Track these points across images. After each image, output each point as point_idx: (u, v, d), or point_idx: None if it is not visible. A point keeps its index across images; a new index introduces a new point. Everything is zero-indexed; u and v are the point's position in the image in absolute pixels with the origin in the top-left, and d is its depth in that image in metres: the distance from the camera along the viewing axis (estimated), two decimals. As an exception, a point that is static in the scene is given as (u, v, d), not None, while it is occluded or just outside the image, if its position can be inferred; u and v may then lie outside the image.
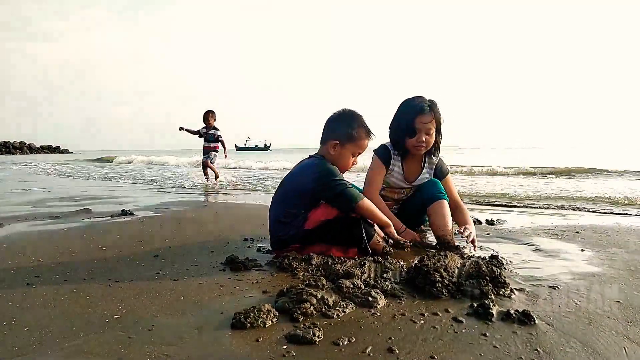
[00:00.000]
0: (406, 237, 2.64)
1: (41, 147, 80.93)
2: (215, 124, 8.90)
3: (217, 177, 8.93)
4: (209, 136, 8.83)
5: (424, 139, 2.79)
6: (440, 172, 3.02)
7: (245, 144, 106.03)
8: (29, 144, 75.76)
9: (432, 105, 2.79)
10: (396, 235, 2.43)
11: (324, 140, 2.47)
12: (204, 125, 8.88)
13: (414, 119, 2.78)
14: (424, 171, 3.01)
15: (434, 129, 2.80)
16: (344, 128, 2.42)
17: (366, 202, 2.31)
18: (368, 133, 2.48)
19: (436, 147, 2.92)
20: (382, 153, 3.01)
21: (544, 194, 6.13)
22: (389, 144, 3.01)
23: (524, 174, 11.16)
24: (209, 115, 8.81)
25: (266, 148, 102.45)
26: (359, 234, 2.25)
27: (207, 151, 8.90)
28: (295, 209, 2.33)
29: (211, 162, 8.91)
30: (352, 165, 2.51)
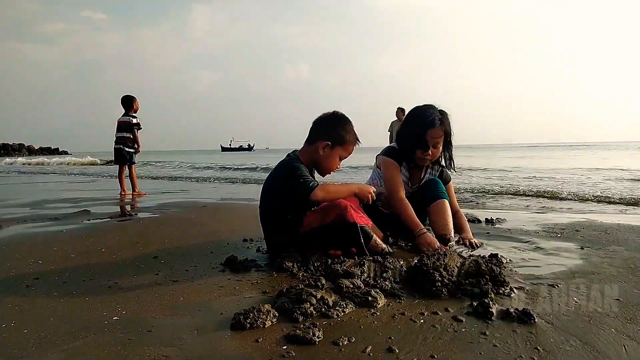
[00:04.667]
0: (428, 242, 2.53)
1: (40, 148, 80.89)
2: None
3: (135, 189, 6.67)
4: (123, 125, 6.61)
5: (430, 152, 2.77)
6: (443, 180, 3.01)
7: (229, 145, 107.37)
8: (28, 146, 75.69)
9: (442, 118, 2.76)
10: (367, 192, 2.39)
11: (312, 140, 2.41)
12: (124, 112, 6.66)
13: (426, 132, 2.74)
14: (425, 177, 3.02)
15: (442, 142, 2.79)
16: (337, 131, 2.39)
17: (318, 192, 2.19)
18: (357, 139, 2.47)
19: (445, 158, 2.92)
20: (391, 153, 2.94)
21: None
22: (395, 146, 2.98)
23: None
24: (133, 101, 6.69)
25: (250, 148, 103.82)
26: (357, 239, 2.23)
27: (124, 143, 6.62)
28: (278, 210, 2.31)
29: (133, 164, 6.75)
30: (338, 167, 2.50)
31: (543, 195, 6.06)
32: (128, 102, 6.67)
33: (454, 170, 3.06)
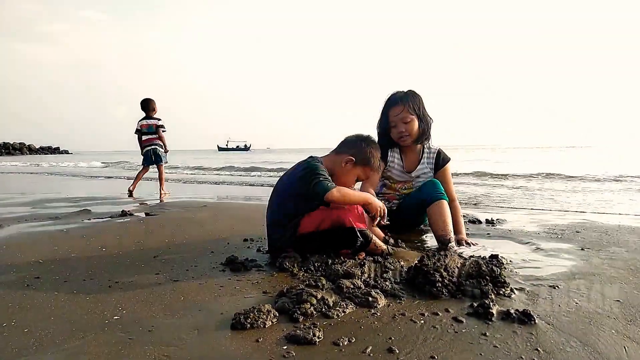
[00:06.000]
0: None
1: (41, 148, 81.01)
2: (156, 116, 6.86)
3: (162, 187, 6.64)
4: (149, 127, 6.74)
5: (403, 129, 2.87)
6: (441, 160, 3.04)
7: (226, 145, 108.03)
8: (28, 145, 75.81)
9: (404, 96, 2.87)
10: (378, 206, 2.30)
11: (339, 151, 2.45)
12: (145, 115, 6.80)
13: (388, 112, 2.90)
14: (422, 160, 3.04)
15: (413, 118, 2.86)
16: (367, 152, 2.42)
17: (335, 192, 2.17)
18: (380, 167, 2.54)
19: (423, 134, 2.94)
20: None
21: None
22: None
23: None
24: (152, 104, 6.80)
25: (246, 148, 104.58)
26: (355, 242, 2.21)
27: (153, 144, 6.75)
28: (290, 210, 2.30)
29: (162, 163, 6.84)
30: (352, 186, 2.49)
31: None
32: (147, 105, 6.81)
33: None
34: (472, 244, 2.68)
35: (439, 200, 2.72)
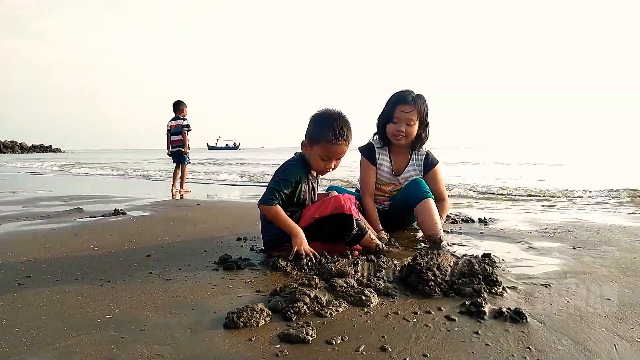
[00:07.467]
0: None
1: (32, 146, 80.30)
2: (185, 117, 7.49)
3: (182, 186, 7.36)
4: (176, 128, 7.39)
5: (403, 129, 2.85)
6: (429, 163, 3.04)
7: (216, 144, 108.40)
8: (20, 143, 75.13)
9: (416, 97, 2.85)
10: (297, 247, 2.15)
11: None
12: (174, 116, 7.47)
13: (395, 107, 2.87)
14: (410, 162, 3.04)
15: (416, 121, 2.86)
16: (313, 128, 2.29)
17: (266, 208, 2.23)
18: (337, 137, 2.22)
19: (420, 140, 2.95)
20: (365, 151, 3.06)
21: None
22: (373, 140, 3.07)
23: None
24: (181, 106, 7.43)
25: (236, 147, 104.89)
26: (351, 230, 2.23)
27: (179, 145, 7.41)
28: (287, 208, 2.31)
29: (186, 164, 7.46)
30: (327, 168, 2.33)
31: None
32: (176, 107, 7.45)
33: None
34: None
35: (425, 200, 2.71)
